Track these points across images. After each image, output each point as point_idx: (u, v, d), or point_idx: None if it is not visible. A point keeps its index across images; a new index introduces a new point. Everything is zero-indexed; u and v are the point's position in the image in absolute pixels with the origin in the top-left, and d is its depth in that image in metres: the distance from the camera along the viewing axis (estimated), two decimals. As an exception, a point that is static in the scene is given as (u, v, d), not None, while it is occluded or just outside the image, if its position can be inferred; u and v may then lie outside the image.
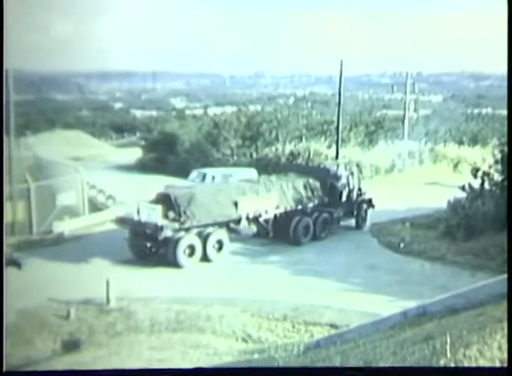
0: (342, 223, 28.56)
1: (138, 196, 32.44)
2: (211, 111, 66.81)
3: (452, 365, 10.46)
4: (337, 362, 12.13)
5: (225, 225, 24.58)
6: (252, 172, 34.46)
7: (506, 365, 10.47)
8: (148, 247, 23.08)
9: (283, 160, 39.78)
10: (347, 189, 28.62)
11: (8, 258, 18.29)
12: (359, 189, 29.26)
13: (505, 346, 10.81)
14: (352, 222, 29.04)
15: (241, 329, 17.54)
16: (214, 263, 23.66)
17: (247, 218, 25.20)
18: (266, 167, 38.45)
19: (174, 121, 58.93)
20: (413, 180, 37.73)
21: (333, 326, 17.65)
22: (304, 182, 27.32)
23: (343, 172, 28.81)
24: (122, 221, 24.31)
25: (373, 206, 29.32)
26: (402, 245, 25.74)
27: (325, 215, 27.25)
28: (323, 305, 19.07)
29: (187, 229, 23.36)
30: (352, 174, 29.28)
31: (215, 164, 39.49)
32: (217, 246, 23.92)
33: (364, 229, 28.95)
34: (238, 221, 24.93)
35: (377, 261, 24.18)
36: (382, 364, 11.27)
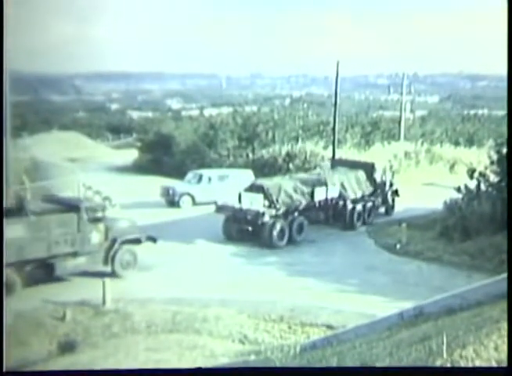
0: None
1: (134, 197, 32.68)
2: (207, 112, 66.94)
3: (449, 366, 10.46)
4: (333, 363, 12.11)
5: (303, 211, 27.63)
6: (248, 173, 34.51)
7: (504, 365, 10.47)
8: (248, 231, 26.27)
9: (280, 161, 39.84)
10: (381, 181, 31.89)
11: (145, 235, 22.69)
12: (390, 182, 32.63)
13: (502, 347, 10.80)
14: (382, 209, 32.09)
15: (238, 330, 17.51)
16: (217, 263, 23.79)
17: (319, 205, 28.51)
18: (263, 168, 38.50)
19: (171, 122, 58.93)
20: (410, 181, 37.74)
21: (329, 327, 17.64)
22: (355, 175, 30.52)
23: (379, 167, 32.43)
24: (222, 208, 27.30)
25: (398, 195, 32.65)
26: (398, 246, 25.76)
27: (370, 203, 30.66)
28: (320, 306, 19.06)
29: (276, 215, 26.49)
30: (385, 169, 33.12)
31: (211, 165, 39.50)
32: (298, 229, 26.86)
33: (358, 230, 29.10)
34: (309, 208, 28.01)
35: (374, 262, 24.20)
36: (378, 365, 11.26)
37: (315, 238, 27.08)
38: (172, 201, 33.08)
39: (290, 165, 38.95)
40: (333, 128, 39.02)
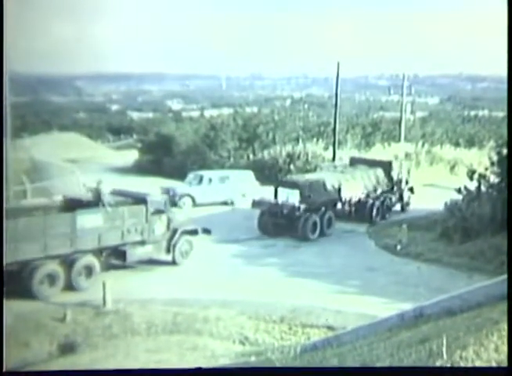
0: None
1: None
2: (208, 113, 66.79)
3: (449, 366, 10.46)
4: (333, 364, 12.11)
5: (331, 206, 29.27)
6: (249, 174, 34.51)
7: (504, 366, 10.46)
8: (283, 224, 27.53)
9: (280, 162, 39.83)
10: (398, 178, 33.06)
11: (200, 227, 24.49)
12: (406, 180, 33.71)
13: (502, 348, 10.80)
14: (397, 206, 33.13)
15: (238, 331, 17.51)
16: (215, 264, 23.75)
17: (344, 201, 30.15)
18: (263, 169, 38.49)
19: (171, 123, 58.83)
20: (410, 182, 37.73)
21: (329, 328, 17.64)
22: (374, 173, 31.92)
23: (396, 165, 33.57)
24: (258, 203, 28.60)
25: (413, 192, 33.65)
26: (398, 247, 25.77)
27: (387, 199, 31.95)
28: (320, 307, 19.06)
29: (307, 209, 27.75)
30: (401, 167, 33.97)
31: (212, 167, 39.48)
32: (328, 223, 28.41)
33: (358, 230, 29.11)
34: (335, 203, 29.73)
35: (374, 263, 24.20)
36: (379, 366, 11.26)
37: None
38: (172, 202, 33.05)
39: (291, 166, 38.97)
40: (334, 129, 39.07)
